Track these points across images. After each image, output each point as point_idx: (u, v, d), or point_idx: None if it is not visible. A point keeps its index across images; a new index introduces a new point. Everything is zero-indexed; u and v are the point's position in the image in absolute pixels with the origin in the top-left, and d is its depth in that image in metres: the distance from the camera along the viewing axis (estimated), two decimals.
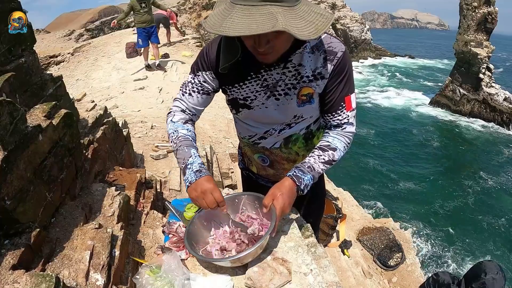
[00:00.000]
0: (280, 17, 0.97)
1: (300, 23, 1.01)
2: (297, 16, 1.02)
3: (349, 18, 44.99)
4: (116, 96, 7.65)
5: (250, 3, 0.99)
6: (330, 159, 1.40)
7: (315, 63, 1.29)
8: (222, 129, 6.38)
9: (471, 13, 26.47)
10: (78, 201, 1.62)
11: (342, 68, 1.30)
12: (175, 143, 1.42)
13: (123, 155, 2.97)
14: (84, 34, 26.23)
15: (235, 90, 1.41)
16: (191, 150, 1.39)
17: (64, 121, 1.56)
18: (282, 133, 1.49)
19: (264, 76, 1.33)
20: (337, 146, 1.41)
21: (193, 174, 1.31)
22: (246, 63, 1.32)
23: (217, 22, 1.03)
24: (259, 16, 0.97)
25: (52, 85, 2.07)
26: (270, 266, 1.31)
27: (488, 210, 15.44)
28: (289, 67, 1.30)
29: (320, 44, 1.28)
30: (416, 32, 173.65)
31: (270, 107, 1.40)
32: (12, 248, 1.14)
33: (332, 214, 4.32)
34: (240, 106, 1.45)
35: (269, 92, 1.36)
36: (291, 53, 1.27)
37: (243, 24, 0.98)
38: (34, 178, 1.29)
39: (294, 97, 1.35)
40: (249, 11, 0.99)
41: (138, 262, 1.55)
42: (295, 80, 1.32)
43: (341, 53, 1.29)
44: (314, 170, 1.36)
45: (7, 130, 1.17)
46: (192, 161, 1.35)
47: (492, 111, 26.78)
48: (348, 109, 1.39)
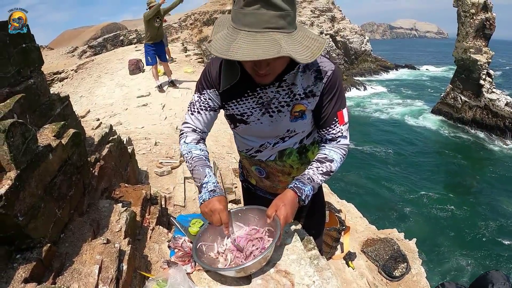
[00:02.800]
0: (283, 43, 1.06)
1: (298, 48, 1.10)
2: (296, 41, 1.11)
3: (348, 30, 45.38)
4: (120, 113, 7.73)
5: (255, 29, 1.07)
6: (328, 170, 1.46)
7: (306, 81, 1.38)
8: (225, 145, 6.42)
9: (469, 20, 26.56)
10: (86, 217, 1.67)
11: (333, 85, 1.39)
12: (190, 163, 1.50)
13: (128, 172, 3.02)
14: (87, 51, 26.55)
15: (232, 106, 1.49)
16: (206, 169, 1.46)
17: (73, 141, 1.63)
18: (276, 146, 1.57)
19: (259, 94, 1.41)
20: (334, 158, 1.47)
21: (208, 193, 1.38)
22: (244, 81, 1.40)
23: (224, 47, 1.11)
24: (264, 42, 1.06)
25: (60, 105, 2.14)
26: (274, 278, 1.34)
27: (495, 219, 15.28)
28: (283, 86, 1.38)
29: (311, 64, 1.36)
30: (416, 41, 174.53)
31: (264, 123, 1.47)
32: (23, 262, 1.20)
33: (335, 227, 4.32)
34: (237, 121, 1.52)
35: (264, 109, 1.44)
36: (286, 73, 1.36)
37: (249, 49, 1.06)
38: (44, 195, 1.34)
39: (288, 114, 1.43)
40: (254, 37, 1.07)
41: (145, 276, 1.59)
42: (288, 98, 1.40)
43: (331, 71, 1.37)
44: (313, 181, 1.43)
45: (19, 150, 1.24)
46: (207, 181, 1.42)
47: (494, 117, 26.66)
48: (341, 123, 1.46)
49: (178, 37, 35.17)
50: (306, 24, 41.11)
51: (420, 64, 61.62)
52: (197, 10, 39.62)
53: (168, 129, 6.38)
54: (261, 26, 1.07)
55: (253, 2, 1.06)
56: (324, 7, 44.44)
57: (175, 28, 36.03)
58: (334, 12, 45.64)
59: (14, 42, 1.86)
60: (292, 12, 1.11)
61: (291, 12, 1.11)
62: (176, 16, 38.38)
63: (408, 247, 5.58)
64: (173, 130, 6.34)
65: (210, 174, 1.44)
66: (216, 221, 1.36)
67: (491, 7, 26.42)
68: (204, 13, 38.81)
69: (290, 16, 1.10)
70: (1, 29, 1.76)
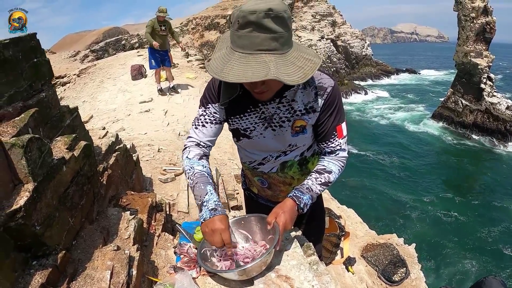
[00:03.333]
0: (272, 65, 1.11)
1: (291, 69, 1.15)
2: (288, 62, 1.16)
3: (349, 34, 45.54)
4: (123, 119, 7.80)
5: (247, 51, 1.14)
6: (326, 181, 1.53)
7: (307, 98, 1.44)
8: (227, 151, 6.49)
9: (470, 24, 26.65)
10: (96, 225, 1.76)
11: (332, 101, 1.45)
12: (191, 179, 1.50)
13: (134, 179, 3.10)
14: (89, 55, 26.73)
15: (236, 121, 1.55)
16: (207, 187, 1.45)
17: (84, 152, 1.71)
18: (278, 159, 1.64)
19: (261, 109, 1.48)
20: (332, 169, 1.54)
21: (208, 212, 1.37)
22: (246, 97, 1.46)
23: (219, 67, 1.17)
24: (254, 64, 1.12)
25: (69, 116, 2.23)
26: (275, 283, 1.42)
27: (495, 224, 15.30)
28: (283, 102, 1.45)
29: (311, 81, 1.42)
30: (416, 45, 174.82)
31: (267, 137, 1.54)
32: (40, 269, 1.28)
33: (334, 232, 4.39)
34: (241, 136, 1.59)
35: (266, 124, 1.51)
36: (286, 90, 1.42)
37: (240, 71, 1.12)
38: (59, 205, 1.43)
39: (289, 129, 1.50)
40: (246, 59, 1.13)
41: (152, 281, 1.66)
42: (289, 113, 1.47)
43: (330, 88, 1.42)
44: (312, 191, 1.50)
45: (36, 164, 1.32)
46: (208, 199, 1.41)
47: (495, 121, 26.68)
48: (339, 137, 1.52)
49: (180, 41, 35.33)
50: (307, 28, 41.28)
51: (421, 68, 61.80)
52: (198, 15, 39.85)
53: (170, 135, 6.45)
54: (253, 48, 1.14)
55: (245, 25, 1.12)
56: (325, 12, 44.64)
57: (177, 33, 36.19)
58: (335, 16, 45.84)
59: (26, 57, 1.94)
60: (286, 34, 1.16)
61: (285, 34, 1.15)
62: (177, 21, 38.59)
63: (408, 252, 5.63)
64: (175, 136, 6.41)
65: (211, 192, 1.44)
66: (217, 242, 1.34)
67: (491, 11, 26.50)
68: (205, 18, 39.03)
69: (283, 38, 1.15)
70: (15, 45, 1.85)
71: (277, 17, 1.11)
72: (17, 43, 1.88)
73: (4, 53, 1.71)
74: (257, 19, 1.10)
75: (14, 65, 1.82)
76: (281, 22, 1.13)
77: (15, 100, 1.76)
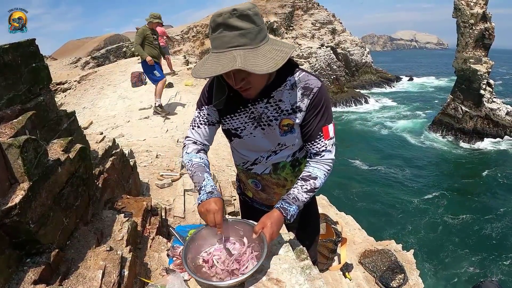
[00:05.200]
0: (239, 58, 1.20)
1: (261, 61, 1.23)
2: (259, 54, 1.25)
3: (349, 42, 45.74)
4: (122, 125, 7.83)
5: (219, 50, 1.25)
6: (312, 187, 1.55)
7: (294, 98, 1.50)
8: (225, 158, 6.51)
9: (468, 30, 26.81)
10: (91, 226, 1.79)
11: (318, 102, 1.49)
12: (190, 170, 1.61)
13: (130, 184, 3.14)
14: (90, 62, 26.80)
15: (227, 121, 1.62)
16: (204, 174, 1.57)
17: (80, 155, 1.75)
18: (269, 159, 1.68)
19: (251, 109, 1.54)
20: (317, 175, 1.57)
21: (206, 195, 1.48)
22: (236, 98, 1.53)
23: (197, 68, 1.30)
24: (224, 60, 1.22)
25: (67, 120, 2.27)
26: (265, 286, 1.43)
27: (492, 230, 15.32)
28: (271, 102, 1.51)
29: (298, 82, 1.49)
30: (416, 52, 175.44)
31: (257, 136, 1.60)
32: (33, 266, 1.32)
33: (331, 238, 4.40)
34: (232, 135, 1.66)
35: (256, 123, 1.57)
36: (273, 90, 1.49)
37: (212, 67, 1.23)
38: (53, 205, 1.47)
39: (277, 128, 1.55)
40: (218, 57, 1.24)
41: (144, 282, 1.69)
42: (276, 113, 1.52)
43: (317, 88, 1.48)
44: (298, 200, 1.53)
45: (32, 164, 1.37)
46: (205, 184, 1.53)
47: (495, 126, 26.76)
48: (326, 138, 1.55)
49: (180, 49, 35.53)
50: (307, 36, 41.52)
51: (421, 75, 62.05)
52: (199, 23, 40.08)
53: (169, 142, 6.48)
54: (224, 46, 1.24)
55: (216, 27, 1.25)
56: (324, 20, 44.90)
57: (177, 41, 36.40)
58: (335, 24, 46.07)
59: (26, 62, 1.99)
60: (254, 29, 1.25)
61: (252, 30, 1.24)
62: (178, 29, 38.85)
63: (406, 258, 5.62)
64: (174, 143, 6.44)
65: (208, 178, 1.55)
66: (211, 221, 1.45)
67: (490, 17, 26.68)
68: (206, 26, 39.23)
69: (251, 33, 1.24)
70: (14, 50, 1.89)
71: (242, 15, 1.22)
72: (16, 48, 1.93)
73: (4, 57, 1.76)
74: (223, 20, 1.22)
75: (13, 69, 1.87)
76: (247, 19, 1.23)
77: (14, 103, 1.80)
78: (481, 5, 26.53)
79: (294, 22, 42.73)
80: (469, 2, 26.65)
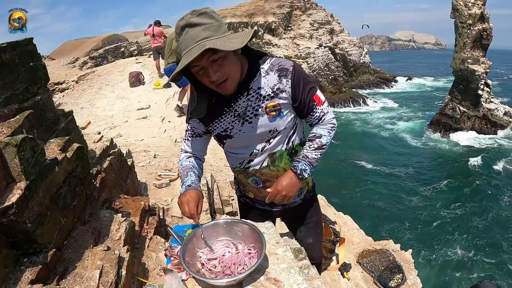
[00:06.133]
0: (207, 42, 1.29)
1: (227, 42, 1.32)
2: (225, 39, 1.34)
3: (347, 42, 45.85)
4: (120, 125, 7.83)
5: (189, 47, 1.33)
6: (320, 144, 1.65)
7: (272, 81, 1.55)
8: (222, 157, 6.48)
9: (466, 30, 26.81)
10: (88, 226, 1.78)
11: (298, 77, 1.55)
12: (181, 173, 1.74)
13: (128, 184, 3.13)
14: (88, 62, 26.72)
15: (215, 126, 1.66)
16: (189, 173, 1.70)
17: (77, 154, 1.75)
18: (265, 151, 1.69)
19: (234, 107, 1.57)
20: (321, 133, 1.66)
21: (184, 187, 1.63)
22: (219, 102, 1.58)
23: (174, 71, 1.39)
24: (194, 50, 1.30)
25: (64, 120, 2.27)
26: (263, 285, 1.42)
27: (491, 230, 15.34)
28: (251, 93, 1.54)
29: (272, 66, 1.54)
30: (414, 52, 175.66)
31: (247, 131, 1.62)
32: (30, 266, 1.32)
33: (329, 238, 4.39)
34: (223, 138, 1.69)
35: (241, 119, 1.59)
36: (250, 81, 1.53)
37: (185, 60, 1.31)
38: (50, 204, 1.46)
39: (264, 115, 1.58)
40: (190, 52, 1.32)
41: (142, 282, 1.68)
42: (259, 101, 1.56)
43: (291, 67, 1.54)
44: (307, 157, 1.63)
45: (29, 163, 1.36)
46: (187, 179, 1.67)
47: (493, 127, 26.86)
48: (319, 104, 1.64)
49: None
50: (305, 36, 41.61)
51: (419, 75, 62.15)
52: None
53: (167, 142, 6.47)
54: (193, 42, 1.32)
55: (181, 31, 1.35)
56: (323, 20, 44.98)
57: None
58: (333, 24, 46.18)
59: (23, 61, 1.99)
60: (215, 23, 1.36)
61: (214, 23, 1.35)
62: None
63: (404, 258, 5.62)
64: (172, 143, 6.44)
65: (191, 175, 1.70)
66: (185, 212, 1.54)
67: (488, 18, 26.69)
68: None
69: (213, 26, 1.34)
70: (12, 49, 1.89)
71: (201, 13, 1.34)
72: (14, 47, 1.92)
73: (1, 56, 1.76)
74: (186, 21, 1.33)
75: (11, 68, 1.87)
76: (206, 16, 1.34)
77: (11, 102, 1.80)
78: (479, 6, 26.56)
79: (292, 23, 42.79)
80: (467, 3, 26.68)
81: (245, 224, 1.58)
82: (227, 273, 1.45)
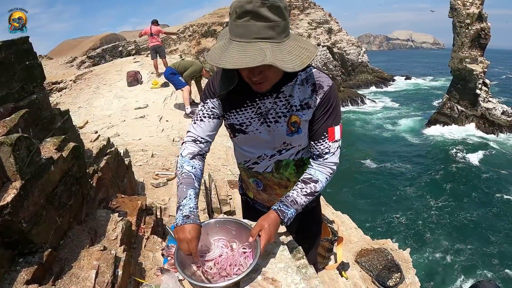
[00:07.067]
0: (268, 52, 1.14)
1: (287, 57, 1.17)
2: (285, 50, 1.18)
3: (345, 41, 45.85)
4: (118, 124, 7.79)
5: (245, 40, 1.17)
6: (312, 191, 1.51)
7: (303, 94, 1.44)
8: (220, 157, 6.49)
9: (464, 30, 26.87)
10: (84, 226, 1.77)
11: (328, 100, 1.43)
12: (179, 178, 1.52)
13: (125, 183, 3.11)
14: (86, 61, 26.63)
15: (232, 116, 1.55)
16: (189, 190, 1.45)
17: (73, 154, 1.73)
18: (273, 158, 1.62)
19: (258, 104, 1.47)
20: (318, 178, 1.52)
21: (181, 219, 1.39)
22: (243, 91, 1.47)
23: (217, 56, 1.20)
24: (251, 52, 1.15)
25: (60, 119, 2.25)
26: (261, 285, 1.40)
27: (489, 229, 15.38)
28: (280, 97, 1.45)
29: (309, 78, 1.42)
30: (412, 52, 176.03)
31: (263, 132, 1.53)
32: (26, 266, 1.30)
33: (327, 237, 4.38)
34: (236, 131, 1.58)
35: (262, 119, 1.50)
36: (283, 84, 1.43)
37: (238, 58, 1.15)
38: (46, 204, 1.45)
39: (284, 125, 1.48)
40: (244, 47, 1.16)
41: (139, 282, 1.67)
42: (285, 109, 1.46)
43: (328, 87, 1.42)
44: (297, 203, 1.48)
45: (24, 162, 1.35)
46: (185, 203, 1.42)
47: (491, 126, 26.94)
48: (330, 139, 1.48)
49: (177, 48, 35.49)
50: (304, 35, 41.54)
51: (417, 74, 62.23)
52: (195, 22, 40.05)
53: (164, 141, 6.46)
54: (251, 36, 1.16)
55: (243, 14, 1.15)
56: (321, 19, 44.98)
57: (174, 40, 36.35)
58: (331, 24, 46.18)
59: (19, 60, 1.97)
60: (282, 23, 1.18)
61: (281, 23, 1.18)
62: (174, 28, 38.75)
63: (402, 257, 5.63)
64: (169, 142, 6.42)
65: (190, 197, 1.44)
66: (185, 250, 1.37)
67: (486, 17, 26.79)
68: (202, 25, 39.23)
69: (279, 27, 1.18)
70: (7, 48, 1.87)
71: (273, 6, 1.15)
72: (10, 45, 1.91)
73: None
74: (253, 8, 1.13)
75: (6, 67, 1.85)
76: (277, 11, 1.16)
77: (7, 101, 1.78)
78: (477, 5, 26.62)
79: (290, 22, 42.73)
80: (465, 2, 26.73)
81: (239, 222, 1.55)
82: (223, 275, 1.43)
